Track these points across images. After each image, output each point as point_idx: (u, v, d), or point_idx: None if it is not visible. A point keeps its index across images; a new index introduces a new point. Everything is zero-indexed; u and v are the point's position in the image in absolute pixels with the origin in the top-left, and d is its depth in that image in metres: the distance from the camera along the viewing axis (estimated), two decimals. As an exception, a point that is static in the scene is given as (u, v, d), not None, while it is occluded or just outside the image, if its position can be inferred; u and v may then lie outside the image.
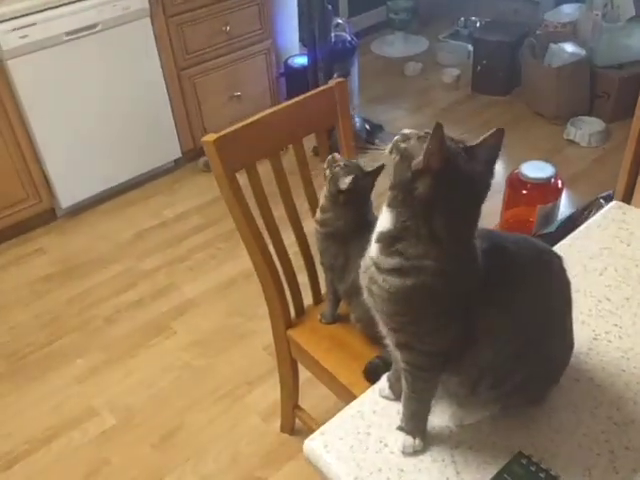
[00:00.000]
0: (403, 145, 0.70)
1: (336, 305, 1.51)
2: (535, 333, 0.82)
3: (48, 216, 2.79)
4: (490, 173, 0.72)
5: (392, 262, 0.72)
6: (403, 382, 0.85)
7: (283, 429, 1.86)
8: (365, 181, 1.31)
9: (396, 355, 0.83)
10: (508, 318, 0.78)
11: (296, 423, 1.83)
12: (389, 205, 0.73)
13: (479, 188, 0.71)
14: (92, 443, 1.88)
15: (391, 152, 0.72)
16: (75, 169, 2.72)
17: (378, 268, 0.75)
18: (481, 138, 0.72)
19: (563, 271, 0.85)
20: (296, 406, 1.75)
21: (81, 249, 2.66)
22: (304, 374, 1.64)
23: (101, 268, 2.55)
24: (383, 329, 0.82)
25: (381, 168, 1.30)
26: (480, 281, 0.74)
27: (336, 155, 1.35)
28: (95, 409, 1.98)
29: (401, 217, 0.71)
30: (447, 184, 0.68)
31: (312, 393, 1.87)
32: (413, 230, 0.70)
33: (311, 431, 1.70)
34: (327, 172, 1.34)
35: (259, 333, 2.16)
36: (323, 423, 1.77)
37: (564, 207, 2.57)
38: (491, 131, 0.72)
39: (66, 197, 2.75)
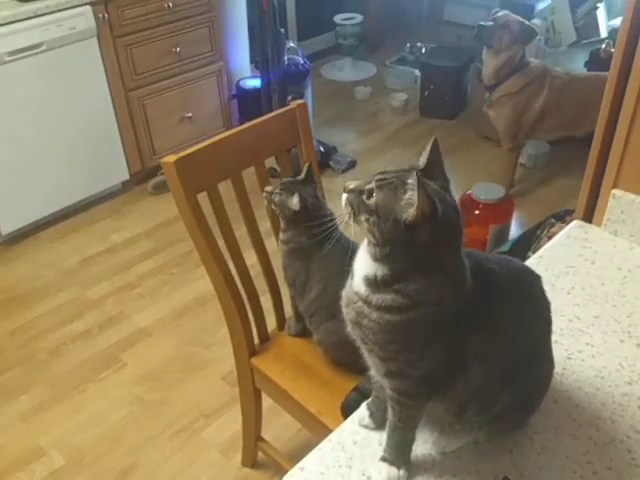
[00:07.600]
0: (370, 202, 0.69)
1: (301, 320, 1.48)
2: (520, 355, 0.81)
3: (-13, 243, 2.64)
4: (447, 182, 0.74)
5: (389, 300, 0.70)
6: (389, 411, 0.81)
7: (244, 463, 1.78)
8: (306, 191, 1.31)
9: (383, 383, 0.80)
10: (494, 341, 0.77)
11: (258, 456, 1.76)
12: (379, 260, 0.70)
13: (453, 203, 0.72)
14: (39, 486, 1.76)
15: (356, 214, 0.70)
16: (17, 193, 2.59)
17: (369, 305, 0.72)
18: (425, 156, 0.74)
19: (543, 292, 0.85)
20: (259, 438, 1.68)
21: (24, 278, 2.51)
22: (265, 402, 1.58)
23: (45, 298, 2.41)
24: (369, 359, 0.78)
25: (310, 166, 1.33)
26: (468, 301, 0.72)
27: (267, 188, 1.35)
28: (42, 449, 1.85)
29: (399, 265, 0.69)
30: (442, 219, 0.68)
31: (274, 422, 1.81)
32: (415, 271, 0.69)
33: (275, 463, 1.66)
34: (273, 207, 1.34)
35: (216, 362, 2.08)
36: (287, 454, 1.72)
37: (515, 226, 2.63)
38: (429, 144, 0.74)
39: (7, 223, 2.61)
